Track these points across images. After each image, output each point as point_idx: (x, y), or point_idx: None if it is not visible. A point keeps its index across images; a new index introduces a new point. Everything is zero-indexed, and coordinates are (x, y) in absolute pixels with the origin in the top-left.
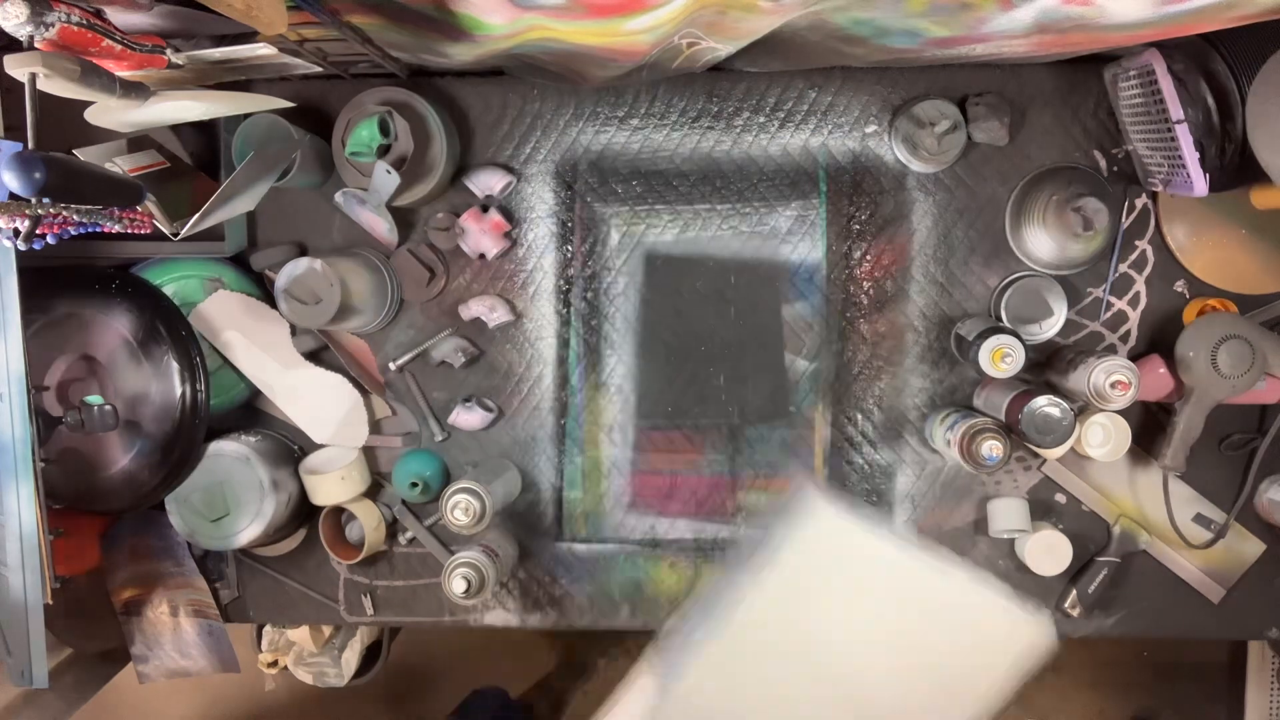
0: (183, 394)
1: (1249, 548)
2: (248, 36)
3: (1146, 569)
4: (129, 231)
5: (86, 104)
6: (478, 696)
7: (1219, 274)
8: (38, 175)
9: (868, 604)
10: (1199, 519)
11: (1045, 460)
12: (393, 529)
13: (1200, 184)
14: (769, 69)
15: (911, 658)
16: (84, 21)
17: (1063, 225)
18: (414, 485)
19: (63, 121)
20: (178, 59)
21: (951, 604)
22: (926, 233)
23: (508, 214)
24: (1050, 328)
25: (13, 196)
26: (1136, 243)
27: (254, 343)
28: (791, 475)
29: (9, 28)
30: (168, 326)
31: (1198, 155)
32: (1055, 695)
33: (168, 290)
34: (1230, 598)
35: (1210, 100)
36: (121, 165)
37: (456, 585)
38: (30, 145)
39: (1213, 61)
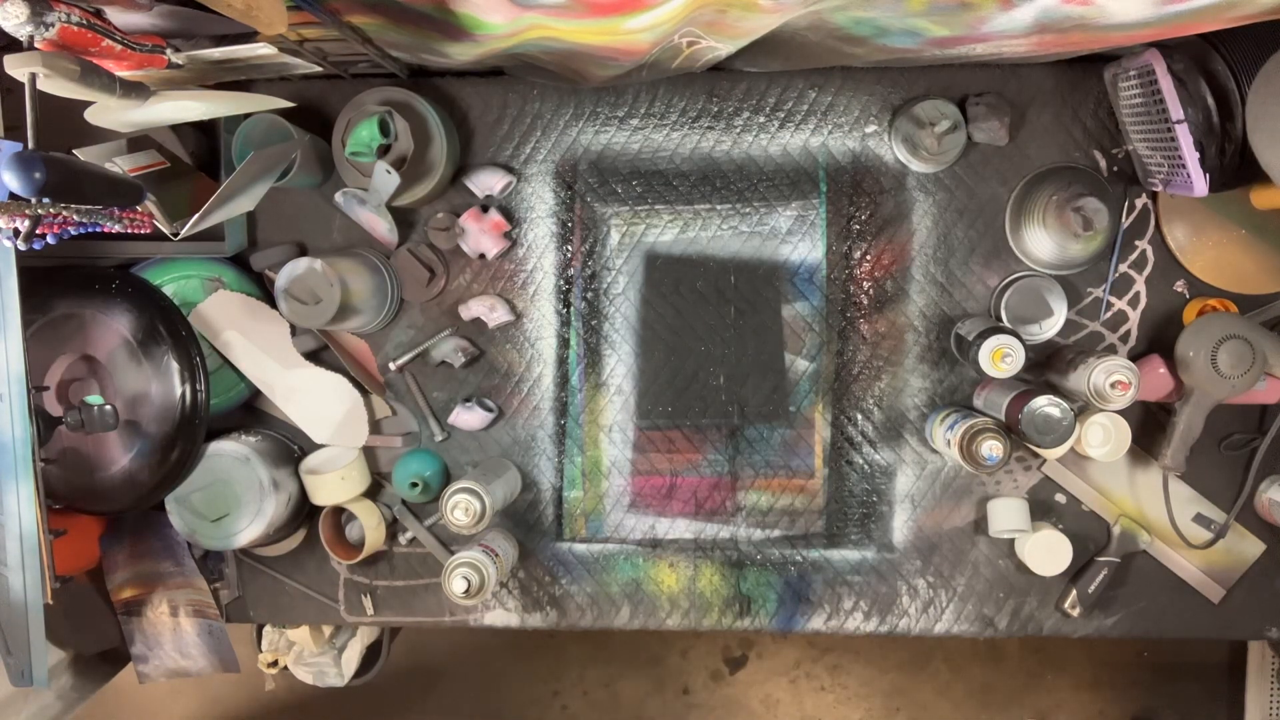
0: (183, 394)
1: (1249, 548)
2: (248, 36)
3: (1146, 569)
4: (129, 231)
5: (86, 104)
6: None
7: (1219, 274)
8: (38, 175)
9: None
10: (1199, 519)
11: (1045, 460)
12: (393, 529)
13: (1200, 184)
14: (769, 69)
15: None
16: (84, 21)
17: (1063, 225)
18: (414, 485)
19: (63, 121)
20: (178, 59)
21: None
22: (926, 233)
23: (508, 214)
24: (1050, 328)
25: (13, 196)
26: (1136, 243)
27: (254, 343)
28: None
29: (9, 28)
30: (168, 326)
31: (1198, 155)
32: (1055, 695)
33: (168, 290)
34: (1230, 598)
35: (1210, 100)
36: (121, 165)
37: (456, 585)
38: (30, 145)
39: (1213, 61)
